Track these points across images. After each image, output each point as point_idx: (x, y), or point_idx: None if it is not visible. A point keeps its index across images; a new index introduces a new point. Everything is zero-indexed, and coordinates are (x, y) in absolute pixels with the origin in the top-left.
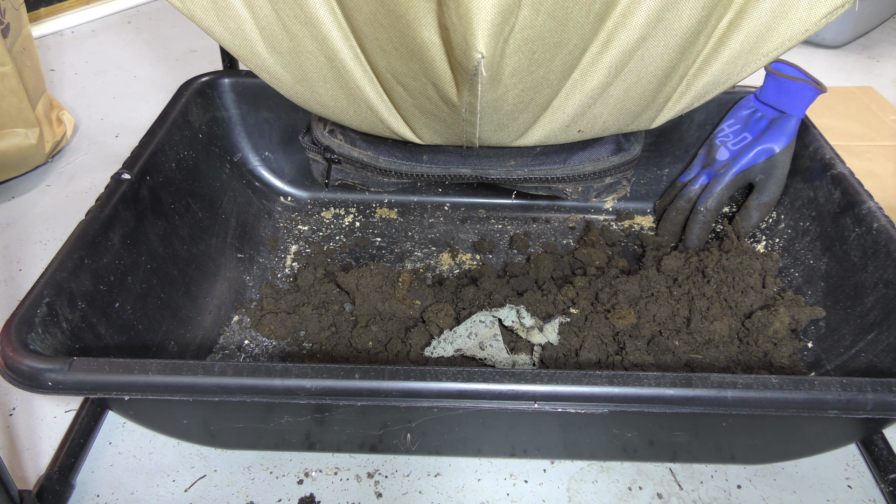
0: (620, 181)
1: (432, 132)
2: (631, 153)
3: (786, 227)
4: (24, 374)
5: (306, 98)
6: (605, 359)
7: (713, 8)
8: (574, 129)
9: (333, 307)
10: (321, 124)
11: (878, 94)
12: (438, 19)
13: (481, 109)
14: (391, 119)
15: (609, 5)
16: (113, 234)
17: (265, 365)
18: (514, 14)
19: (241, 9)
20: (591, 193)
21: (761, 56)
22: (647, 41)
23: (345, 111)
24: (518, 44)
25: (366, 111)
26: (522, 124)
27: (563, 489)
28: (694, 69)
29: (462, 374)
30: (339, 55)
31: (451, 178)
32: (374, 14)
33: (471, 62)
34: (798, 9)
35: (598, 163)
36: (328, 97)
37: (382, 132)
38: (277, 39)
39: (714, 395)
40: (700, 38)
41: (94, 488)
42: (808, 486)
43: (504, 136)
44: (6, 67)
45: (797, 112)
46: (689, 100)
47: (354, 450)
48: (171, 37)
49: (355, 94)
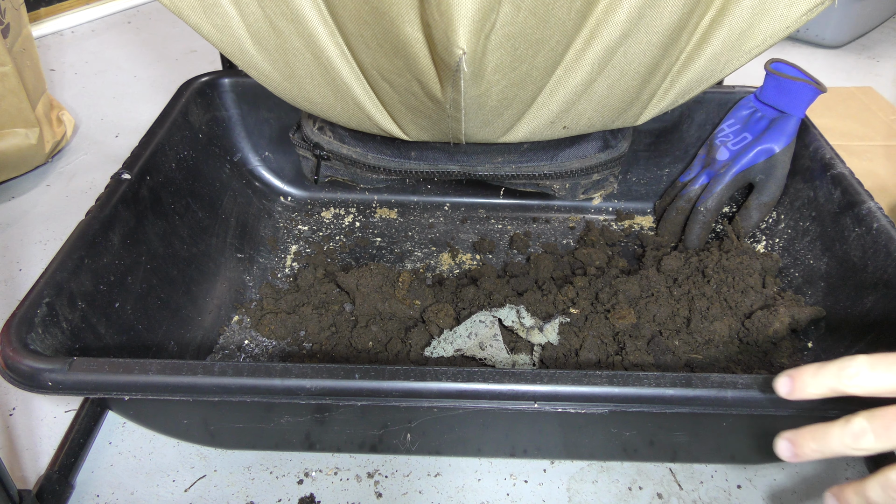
0: (608, 178)
1: (419, 128)
2: (618, 150)
3: (786, 227)
4: (24, 374)
5: (294, 95)
6: (605, 359)
7: (695, 5)
8: (559, 126)
9: (333, 307)
10: (311, 121)
11: (878, 94)
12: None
13: (465, 105)
14: (378, 115)
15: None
16: (113, 234)
17: (265, 365)
18: (494, 10)
19: (228, 6)
20: (578, 190)
21: (744, 53)
22: (629, 38)
23: (332, 108)
24: (500, 40)
25: (353, 108)
26: (507, 120)
27: (563, 489)
28: (677, 66)
29: (462, 374)
30: (326, 52)
31: (440, 174)
32: (359, 11)
33: (452, 58)
34: (778, 6)
35: (586, 160)
36: (316, 94)
37: (370, 129)
38: (264, 36)
39: (714, 395)
40: (683, 35)
41: (94, 488)
42: (808, 486)
43: (489, 132)
44: (6, 67)
45: (797, 112)
46: (673, 96)
47: (354, 450)
48: (171, 37)
49: (342, 90)
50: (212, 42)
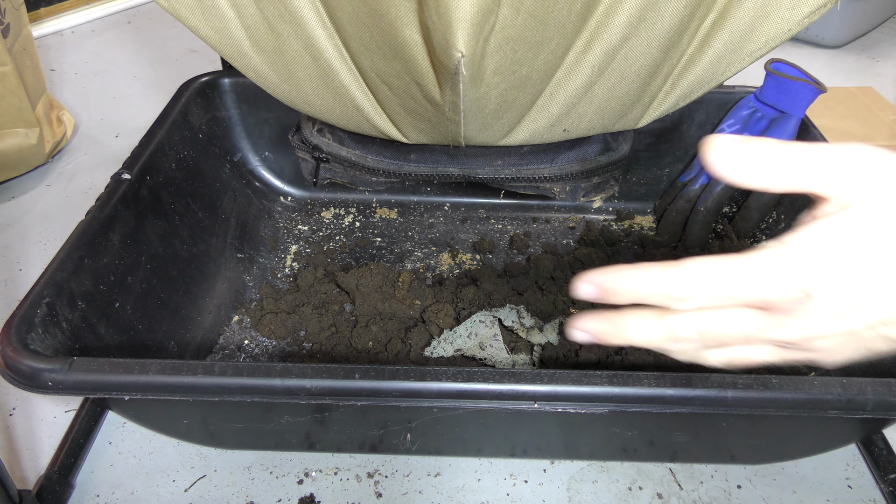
0: (608, 181)
1: (418, 131)
2: (619, 153)
3: (786, 227)
4: (24, 374)
5: (293, 97)
6: (605, 359)
7: (696, 8)
8: (559, 129)
9: (333, 307)
10: (310, 123)
11: (878, 94)
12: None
13: (464, 108)
14: (377, 118)
15: (590, 5)
16: (113, 234)
17: (265, 365)
18: (493, 13)
19: (227, 8)
20: (578, 193)
21: (745, 55)
22: (629, 40)
23: (331, 110)
24: (499, 43)
25: (352, 110)
26: (507, 123)
27: (563, 489)
28: (678, 69)
29: (462, 374)
30: (324, 54)
31: (439, 177)
32: (357, 13)
33: (451, 61)
34: (780, 8)
35: (586, 162)
36: (314, 96)
37: (369, 131)
38: (263, 38)
39: (714, 395)
40: (684, 38)
41: (94, 488)
42: (808, 486)
43: (489, 135)
44: (6, 67)
45: (797, 112)
46: (674, 99)
47: (354, 450)
48: (171, 37)
49: (341, 92)
50: (210, 44)
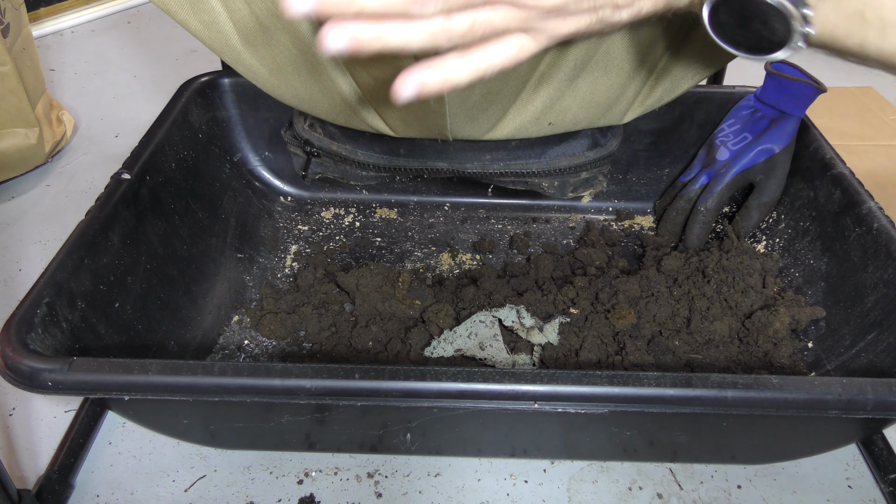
0: (597, 176)
1: (405, 124)
2: (607, 148)
3: (786, 227)
4: (24, 374)
5: (282, 91)
6: (605, 359)
7: None
8: (544, 122)
9: (333, 307)
10: (302, 119)
11: (878, 94)
12: None
13: (449, 100)
14: (364, 111)
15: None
16: (113, 234)
17: (265, 365)
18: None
19: (215, 2)
20: (567, 188)
21: None
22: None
23: (320, 104)
24: None
25: (339, 103)
26: (493, 116)
27: (563, 489)
28: (663, 62)
29: (462, 374)
30: (311, 47)
31: (429, 171)
32: None
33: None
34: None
35: (574, 158)
36: (303, 90)
37: (357, 125)
38: (251, 33)
39: (714, 395)
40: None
41: (93, 488)
42: (808, 486)
43: (475, 128)
44: (6, 67)
45: (797, 112)
46: (659, 93)
47: (354, 450)
48: (171, 37)
49: (328, 85)
50: (200, 39)
